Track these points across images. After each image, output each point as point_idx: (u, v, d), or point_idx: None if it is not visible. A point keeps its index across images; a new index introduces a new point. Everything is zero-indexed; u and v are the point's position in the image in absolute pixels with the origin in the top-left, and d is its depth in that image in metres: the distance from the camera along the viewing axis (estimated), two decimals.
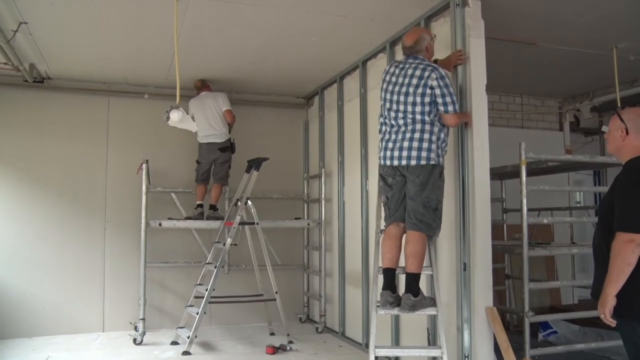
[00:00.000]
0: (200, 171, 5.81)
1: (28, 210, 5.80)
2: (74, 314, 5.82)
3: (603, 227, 2.41)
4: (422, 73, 3.38)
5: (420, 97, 3.36)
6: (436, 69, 3.38)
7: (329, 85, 6.13)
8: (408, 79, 3.42)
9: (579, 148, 7.11)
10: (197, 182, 5.84)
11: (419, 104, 3.36)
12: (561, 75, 6.02)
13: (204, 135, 5.73)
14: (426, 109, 3.37)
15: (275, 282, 5.40)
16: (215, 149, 5.72)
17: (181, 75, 4.23)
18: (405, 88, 3.41)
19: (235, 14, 4.13)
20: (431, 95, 3.35)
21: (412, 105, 3.38)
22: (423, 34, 3.57)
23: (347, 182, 5.56)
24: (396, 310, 3.37)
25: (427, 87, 3.35)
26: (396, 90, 3.46)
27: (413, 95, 3.37)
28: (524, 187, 3.93)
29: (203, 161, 5.80)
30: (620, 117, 2.45)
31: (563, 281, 6.09)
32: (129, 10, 4.08)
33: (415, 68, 3.43)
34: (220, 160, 5.76)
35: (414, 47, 3.52)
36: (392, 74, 3.54)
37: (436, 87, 3.34)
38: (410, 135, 3.38)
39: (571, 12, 4.20)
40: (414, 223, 3.34)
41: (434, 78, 3.34)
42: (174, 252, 6.18)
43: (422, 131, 3.37)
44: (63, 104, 6.00)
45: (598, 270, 2.44)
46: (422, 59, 3.50)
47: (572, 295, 6.69)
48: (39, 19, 4.26)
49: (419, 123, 3.37)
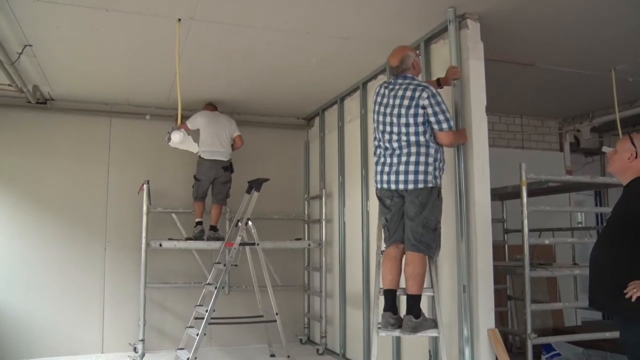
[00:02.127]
0: (200, 189, 5.74)
1: (28, 230, 5.80)
2: (73, 335, 5.77)
3: (610, 240, 2.52)
4: (413, 93, 3.35)
5: (413, 118, 3.33)
6: (426, 88, 3.36)
7: (330, 106, 6.18)
8: (399, 100, 3.39)
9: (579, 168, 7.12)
10: (196, 200, 5.78)
11: (412, 125, 3.34)
12: (561, 96, 6.06)
13: (210, 150, 5.66)
14: (420, 129, 3.34)
15: (275, 303, 5.37)
16: (219, 166, 5.69)
17: (182, 96, 4.26)
18: (397, 109, 3.39)
19: (236, 36, 4.18)
20: (424, 115, 3.32)
21: (405, 127, 3.36)
22: (407, 52, 3.55)
23: (348, 202, 5.57)
24: (397, 332, 3.34)
25: (419, 107, 3.32)
26: (388, 112, 3.44)
27: (405, 117, 3.35)
28: (525, 207, 3.93)
29: (203, 178, 5.71)
30: (632, 141, 2.58)
31: (565, 302, 6.05)
32: (131, 32, 4.13)
33: (406, 89, 3.40)
34: (222, 179, 5.74)
35: (401, 66, 3.51)
36: (383, 95, 3.52)
37: (428, 106, 3.31)
38: (406, 159, 3.35)
39: (570, 36, 4.25)
40: (413, 244, 3.32)
41: (425, 97, 3.32)
42: (174, 273, 6.16)
43: (417, 154, 3.33)
44: (65, 125, 6.05)
45: (598, 282, 2.51)
46: (411, 77, 3.48)
47: (574, 317, 6.63)
48: (44, 42, 4.32)
49: (414, 145, 3.34)
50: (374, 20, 3.93)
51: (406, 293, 3.34)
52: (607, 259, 2.50)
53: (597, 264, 2.55)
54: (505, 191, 4.78)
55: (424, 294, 3.37)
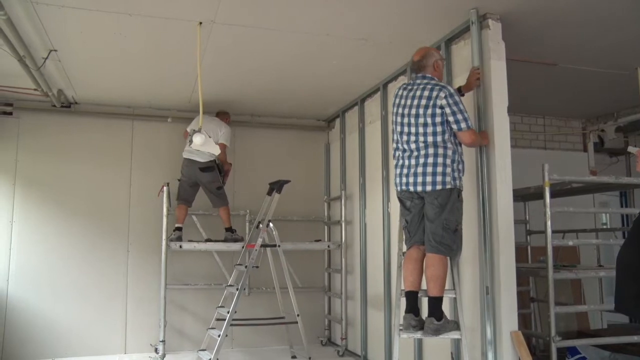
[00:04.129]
0: (181, 189, 5.65)
1: (53, 232, 5.92)
2: (96, 336, 5.87)
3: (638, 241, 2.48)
4: (430, 93, 3.35)
5: (431, 118, 3.32)
6: (444, 88, 3.35)
7: (350, 108, 6.19)
8: (417, 100, 3.39)
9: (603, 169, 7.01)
10: (178, 201, 5.67)
11: (430, 125, 3.33)
12: (584, 95, 5.99)
13: (187, 149, 5.53)
14: (438, 130, 3.33)
15: (296, 305, 5.41)
16: (195, 167, 5.55)
17: (204, 98, 4.31)
18: (415, 110, 3.38)
19: (256, 38, 4.22)
20: (442, 115, 3.31)
21: (423, 127, 3.35)
22: (431, 51, 3.57)
23: (369, 204, 5.57)
24: (419, 334, 3.34)
25: (437, 107, 3.31)
26: (406, 112, 3.44)
27: (424, 117, 3.34)
28: (548, 208, 3.89)
29: (183, 178, 5.66)
30: None
31: (591, 305, 5.97)
32: (153, 36, 4.20)
33: (424, 89, 3.40)
34: (204, 179, 5.58)
35: (421, 62, 3.51)
36: (401, 97, 3.52)
37: (446, 106, 3.30)
38: (424, 161, 3.35)
39: (592, 35, 4.21)
40: (434, 246, 3.32)
41: (443, 97, 3.31)
42: (194, 275, 6.22)
43: (435, 155, 3.33)
44: (89, 128, 6.15)
45: (623, 285, 2.48)
46: (430, 77, 3.47)
47: (600, 320, 6.54)
48: (68, 46, 4.42)
49: (432, 147, 3.33)
50: (393, 21, 3.94)
51: (427, 295, 3.34)
52: (632, 261, 2.47)
53: (623, 265, 2.52)
54: (527, 192, 4.74)
55: (446, 295, 3.37)
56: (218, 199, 5.73)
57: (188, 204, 5.73)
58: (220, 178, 5.72)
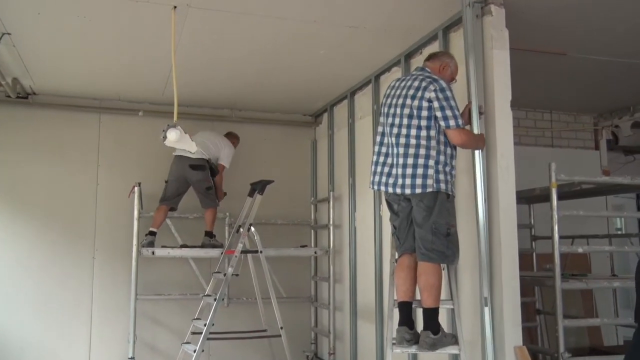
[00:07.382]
0: (167, 189, 5.66)
1: (9, 237, 5.87)
2: (56, 353, 5.83)
3: None
4: (420, 84, 3.35)
5: (417, 111, 3.31)
6: (436, 81, 3.34)
7: (339, 102, 6.21)
8: (406, 90, 3.40)
9: (617, 168, 7.09)
10: (160, 202, 5.67)
11: (415, 117, 3.31)
12: (596, 88, 6.03)
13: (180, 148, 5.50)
14: (422, 124, 3.30)
15: (280, 317, 5.41)
16: (185, 164, 5.55)
17: (179, 90, 4.31)
18: (402, 100, 3.39)
19: (237, 24, 4.22)
20: (429, 109, 3.29)
21: (407, 118, 3.33)
22: (449, 56, 3.64)
23: (359, 206, 5.59)
24: (414, 349, 3.36)
25: (424, 100, 3.30)
26: (394, 102, 3.45)
27: (410, 108, 3.33)
28: (555, 212, 3.92)
29: (171, 178, 5.67)
30: None
31: (604, 318, 6.01)
32: (122, 20, 4.18)
33: (415, 79, 3.41)
34: (194, 178, 5.59)
35: (430, 57, 3.58)
36: (393, 87, 3.55)
37: (434, 100, 3.28)
38: (404, 161, 3.32)
39: (605, 20, 4.22)
40: (424, 253, 3.31)
41: (432, 90, 3.29)
42: (168, 284, 6.21)
43: (415, 156, 3.29)
44: (49, 122, 6.11)
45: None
46: (428, 72, 3.49)
47: (615, 335, 6.58)
48: (24, 30, 4.36)
49: (414, 146, 3.30)
50: (387, 6, 3.95)
51: (421, 307, 3.36)
52: None
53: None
54: (532, 194, 4.78)
55: (442, 306, 3.39)
56: (206, 200, 5.75)
57: (170, 205, 5.71)
58: (212, 179, 5.74)
